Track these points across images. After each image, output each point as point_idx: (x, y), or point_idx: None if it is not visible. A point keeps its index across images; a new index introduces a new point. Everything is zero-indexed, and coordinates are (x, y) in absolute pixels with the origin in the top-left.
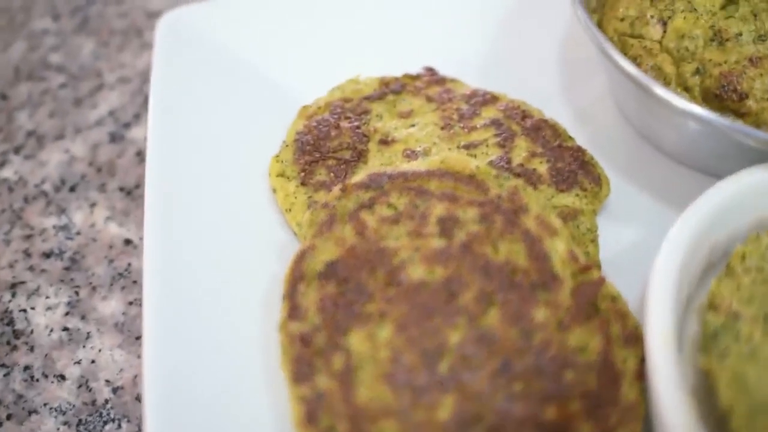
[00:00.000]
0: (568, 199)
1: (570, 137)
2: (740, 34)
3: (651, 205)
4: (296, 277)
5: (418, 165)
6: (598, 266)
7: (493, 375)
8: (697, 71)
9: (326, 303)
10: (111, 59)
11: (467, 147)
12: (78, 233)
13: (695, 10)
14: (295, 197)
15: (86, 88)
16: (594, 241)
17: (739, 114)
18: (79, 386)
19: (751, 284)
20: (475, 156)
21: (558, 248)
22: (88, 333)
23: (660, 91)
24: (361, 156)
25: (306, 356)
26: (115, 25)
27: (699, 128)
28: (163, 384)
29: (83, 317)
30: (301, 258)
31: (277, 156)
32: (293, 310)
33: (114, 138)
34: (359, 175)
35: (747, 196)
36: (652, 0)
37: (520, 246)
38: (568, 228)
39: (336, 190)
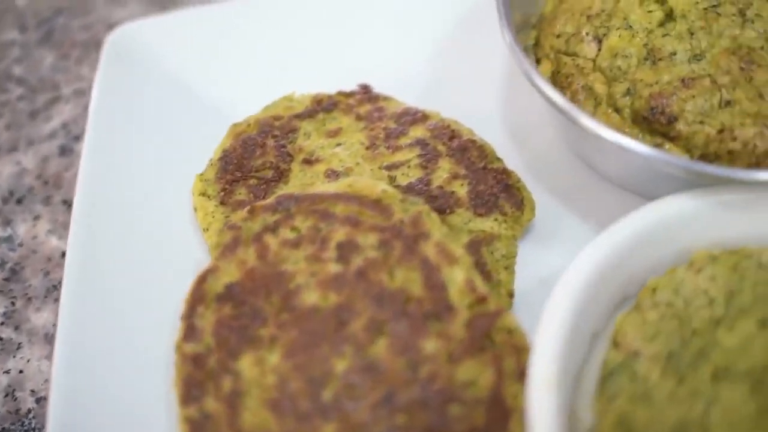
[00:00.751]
0: (486, 224)
1: (498, 159)
2: (674, 53)
3: (586, 231)
4: (196, 298)
5: (326, 188)
6: (510, 295)
7: (376, 406)
8: (627, 92)
9: (222, 325)
10: (70, 72)
11: (389, 168)
12: (20, 245)
13: (631, 27)
14: (213, 217)
15: (43, 100)
16: (508, 268)
17: (670, 137)
18: (6, 395)
19: (657, 320)
20: (395, 177)
21: (456, 277)
22: (19, 343)
23: (584, 119)
24: (282, 176)
25: (197, 378)
26: (78, 37)
27: (627, 155)
28: (68, 395)
29: (17, 327)
30: (202, 279)
31: (202, 174)
32: (189, 330)
33: (63, 151)
34: (270, 197)
35: (669, 226)
36: (588, 16)
37: (417, 274)
38: (483, 254)
39: (244, 211)
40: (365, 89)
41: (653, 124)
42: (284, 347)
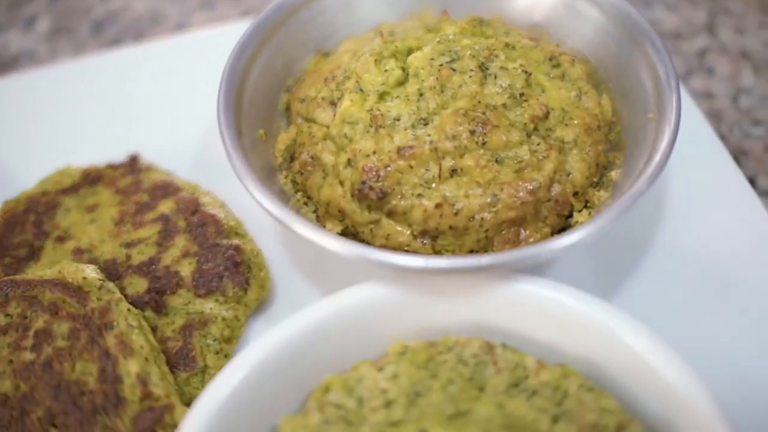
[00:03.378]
0: (206, 305)
1: (239, 234)
2: (398, 119)
3: None
4: None
5: (41, 274)
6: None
7: None
8: (348, 163)
9: None
10: None
11: (128, 245)
12: None
13: (362, 90)
14: None
15: None
16: (220, 352)
17: (388, 213)
18: None
19: (319, 423)
20: (131, 255)
21: (131, 370)
22: None
23: (297, 227)
24: (35, 254)
25: None
26: None
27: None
28: None
29: None
30: None
31: None
32: None
33: None
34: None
35: (363, 314)
36: (326, 79)
37: (95, 366)
38: (194, 338)
39: None
40: (133, 159)
41: (365, 199)
42: None
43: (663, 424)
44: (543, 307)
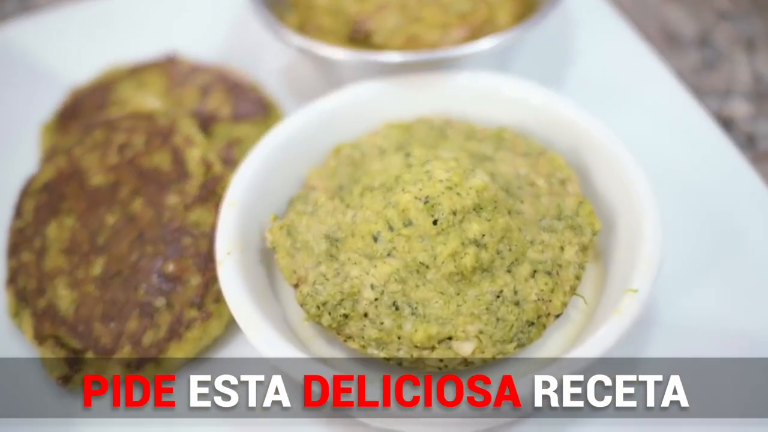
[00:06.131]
0: (242, 130)
1: (259, 89)
2: None
3: None
4: (23, 193)
5: (120, 113)
6: None
7: (132, 242)
8: (344, 22)
9: (38, 207)
10: None
11: (178, 102)
12: None
13: None
14: None
15: None
16: None
17: (374, 47)
18: None
19: (336, 166)
20: (182, 106)
21: (194, 155)
22: None
23: (316, 48)
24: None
25: (18, 242)
26: None
27: (342, 64)
28: None
29: None
30: (30, 181)
31: (47, 124)
32: (17, 213)
33: None
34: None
35: (361, 104)
36: None
37: (168, 156)
38: (234, 150)
39: (64, 134)
40: (172, 56)
41: (356, 40)
42: (76, 213)
43: (571, 153)
44: (485, 93)
